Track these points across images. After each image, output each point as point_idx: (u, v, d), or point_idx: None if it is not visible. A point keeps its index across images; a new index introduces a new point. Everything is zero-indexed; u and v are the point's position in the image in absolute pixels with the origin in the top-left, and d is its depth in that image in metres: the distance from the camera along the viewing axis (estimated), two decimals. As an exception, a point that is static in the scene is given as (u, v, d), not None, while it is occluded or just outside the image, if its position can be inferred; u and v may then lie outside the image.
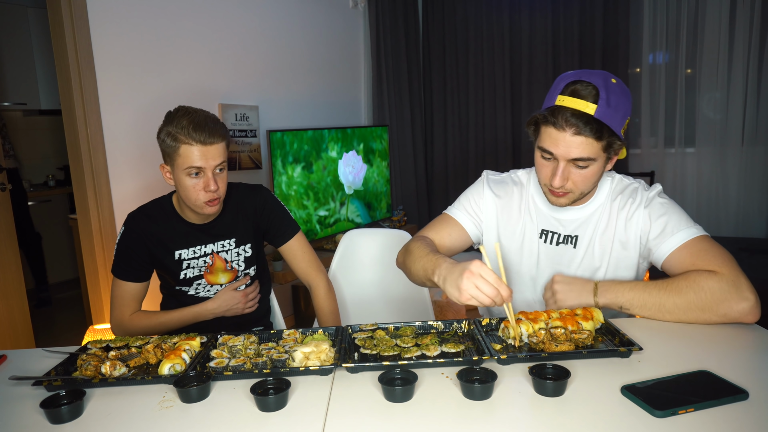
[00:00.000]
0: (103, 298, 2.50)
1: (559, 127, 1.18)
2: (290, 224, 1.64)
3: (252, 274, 1.62)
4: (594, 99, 1.16)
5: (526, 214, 1.42)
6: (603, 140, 1.19)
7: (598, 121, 1.16)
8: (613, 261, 1.34)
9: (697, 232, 1.25)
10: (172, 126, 1.36)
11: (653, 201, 1.31)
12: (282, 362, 1.07)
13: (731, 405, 0.85)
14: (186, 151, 1.36)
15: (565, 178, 1.23)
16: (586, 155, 1.19)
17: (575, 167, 1.22)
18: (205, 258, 1.53)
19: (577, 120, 1.16)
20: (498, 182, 1.49)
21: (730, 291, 1.14)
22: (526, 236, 1.42)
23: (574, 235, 1.36)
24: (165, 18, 2.68)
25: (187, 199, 1.42)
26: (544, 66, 4.33)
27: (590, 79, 1.18)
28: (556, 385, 0.91)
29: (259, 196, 1.59)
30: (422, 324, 1.22)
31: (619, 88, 1.19)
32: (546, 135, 1.22)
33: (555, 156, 1.22)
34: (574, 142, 1.18)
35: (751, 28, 3.77)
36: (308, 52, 3.72)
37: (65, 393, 0.95)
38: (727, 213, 4.03)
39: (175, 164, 1.38)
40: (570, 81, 1.20)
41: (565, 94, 1.19)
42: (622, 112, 1.20)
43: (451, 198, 5.88)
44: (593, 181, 1.27)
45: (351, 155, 3.73)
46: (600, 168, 1.25)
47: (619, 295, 1.21)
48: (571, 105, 1.17)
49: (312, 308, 3.21)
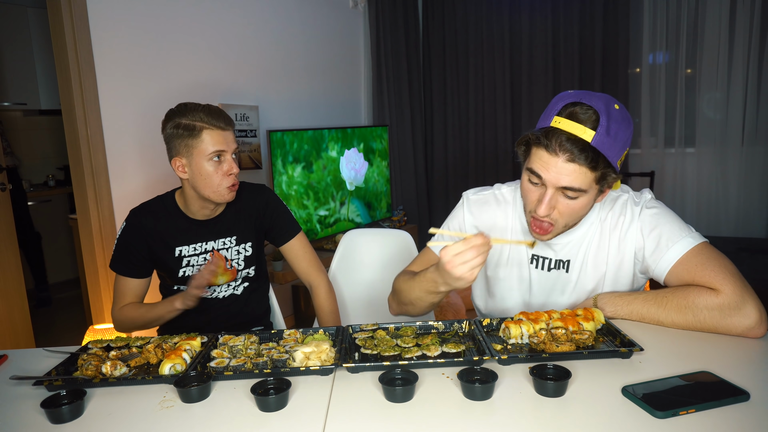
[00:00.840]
0: (103, 298, 2.50)
1: (552, 151, 1.10)
2: (292, 224, 1.65)
3: (251, 275, 1.62)
4: (593, 125, 1.08)
5: (515, 238, 1.35)
6: (597, 171, 1.11)
7: (594, 150, 1.08)
8: (609, 281, 1.29)
9: (693, 242, 1.18)
10: (185, 117, 1.39)
11: (642, 214, 1.24)
12: (282, 362, 1.07)
13: (732, 406, 0.85)
14: (208, 136, 1.39)
15: (551, 207, 1.15)
16: (577, 185, 1.11)
17: (563, 197, 1.14)
18: (205, 255, 1.53)
19: (572, 146, 1.08)
20: (480, 203, 1.40)
21: (731, 313, 1.09)
22: (515, 263, 1.36)
23: (566, 260, 1.30)
24: (165, 18, 2.68)
25: (208, 187, 1.43)
26: (544, 66, 4.33)
27: (591, 103, 1.10)
28: (556, 386, 0.91)
29: (262, 196, 1.61)
30: (423, 324, 1.22)
31: (620, 116, 1.10)
32: (537, 157, 1.13)
33: (544, 181, 1.13)
34: (566, 169, 1.09)
35: (751, 28, 3.77)
36: (308, 52, 3.72)
37: (66, 393, 0.95)
38: (727, 213, 4.03)
39: (196, 152, 1.40)
40: (569, 102, 1.12)
41: (563, 115, 1.11)
42: (622, 143, 1.11)
43: (451, 198, 5.84)
44: (580, 214, 1.19)
45: (352, 152, 3.73)
46: (589, 201, 1.16)
47: (618, 308, 1.20)
48: (567, 128, 1.09)
49: (312, 308, 3.21)
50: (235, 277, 1.58)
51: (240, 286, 1.60)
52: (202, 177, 1.42)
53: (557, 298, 1.34)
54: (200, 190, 1.45)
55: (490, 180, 1.56)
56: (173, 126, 1.40)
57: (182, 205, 1.53)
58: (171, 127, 1.41)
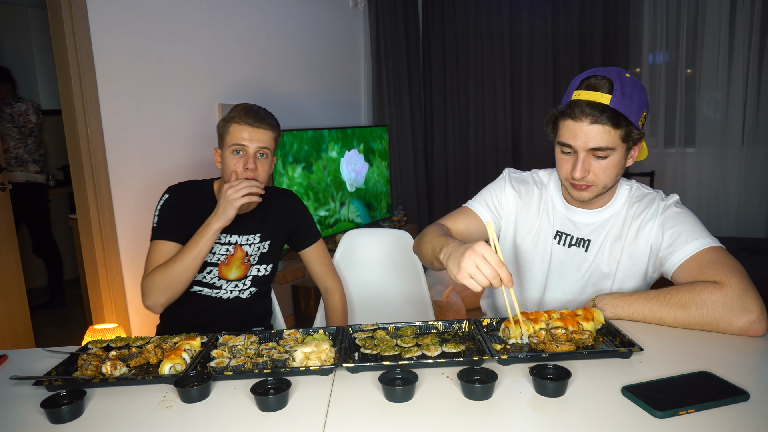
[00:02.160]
0: (103, 297, 2.50)
1: (576, 118, 1.21)
2: (314, 231, 1.73)
3: (260, 274, 1.62)
4: (609, 90, 1.19)
5: (544, 215, 1.44)
6: (620, 128, 1.20)
7: (614, 110, 1.18)
8: (622, 269, 1.34)
9: (710, 243, 1.23)
10: (231, 112, 1.50)
11: (668, 211, 1.30)
12: (282, 362, 1.07)
13: (732, 406, 0.85)
14: (234, 129, 1.47)
15: (585, 170, 1.24)
16: (604, 144, 1.21)
17: (595, 158, 1.24)
18: (228, 246, 1.56)
19: (592, 110, 1.19)
20: (520, 180, 1.50)
21: (733, 305, 1.10)
22: (541, 236, 1.43)
23: (587, 239, 1.37)
24: (165, 18, 2.68)
25: (227, 177, 1.49)
26: (544, 66, 4.33)
27: (604, 73, 1.22)
28: (556, 386, 0.91)
29: (291, 201, 1.70)
30: (423, 324, 1.22)
31: (633, 81, 1.21)
32: (564, 129, 1.25)
33: (574, 148, 1.24)
34: (592, 131, 1.20)
35: (751, 28, 3.77)
36: (308, 52, 3.72)
37: (66, 393, 0.95)
38: (727, 213, 4.03)
39: (224, 142, 1.49)
40: (585, 77, 1.24)
41: (581, 88, 1.22)
42: (638, 103, 1.21)
43: (451, 198, 5.84)
44: (614, 172, 1.26)
45: (353, 153, 3.73)
46: (620, 159, 1.25)
47: (618, 310, 1.21)
48: (586, 97, 1.20)
49: (312, 308, 3.22)
50: (246, 273, 1.59)
51: (247, 290, 1.61)
52: (225, 167, 1.50)
53: (572, 275, 1.39)
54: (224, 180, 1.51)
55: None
56: (221, 119, 1.52)
57: (217, 195, 1.56)
58: (220, 120, 1.52)
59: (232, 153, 1.47)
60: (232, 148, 1.47)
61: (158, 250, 1.49)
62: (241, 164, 1.47)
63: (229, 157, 1.48)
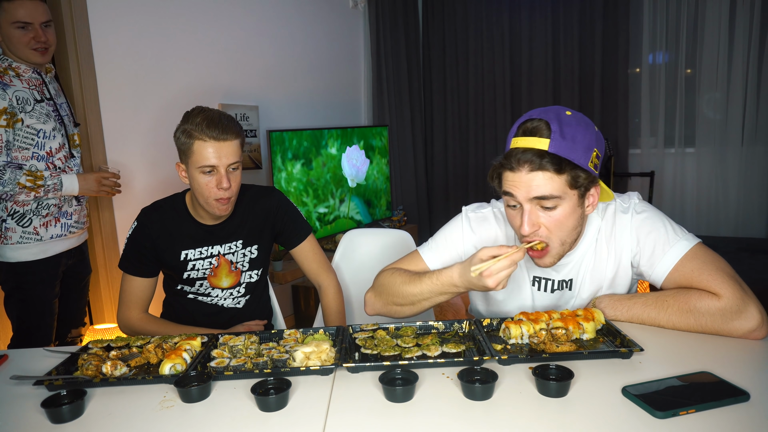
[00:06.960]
0: (103, 297, 2.50)
1: (514, 169, 1.12)
2: (303, 226, 1.65)
3: (253, 279, 1.61)
4: (546, 134, 1.10)
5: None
6: (564, 173, 1.11)
7: (554, 155, 1.10)
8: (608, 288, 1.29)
9: (688, 245, 1.17)
10: (187, 124, 1.38)
11: (633, 221, 1.23)
12: (283, 362, 1.07)
13: (732, 406, 0.85)
14: (199, 148, 1.36)
15: (534, 223, 1.14)
16: (548, 192, 1.11)
17: (542, 210, 1.14)
18: (210, 259, 1.53)
19: (531, 156, 1.10)
20: (479, 220, 1.37)
21: (733, 317, 1.09)
22: (516, 284, 1.34)
23: (569, 279, 1.30)
24: (165, 18, 2.68)
25: (200, 196, 1.42)
26: (544, 66, 4.33)
27: (541, 116, 1.13)
28: (559, 386, 0.91)
29: (272, 199, 1.60)
30: (423, 324, 1.22)
31: (574, 119, 1.13)
32: (505, 180, 1.16)
33: (517, 199, 1.14)
34: (533, 179, 1.11)
35: (751, 28, 3.77)
36: (308, 52, 3.72)
37: (66, 393, 0.95)
38: (727, 213, 4.03)
39: (190, 161, 1.39)
40: (521, 122, 1.16)
41: (518, 135, 1.14)
42: (583, 144, 1.11)
43: (451, 198, 5.83)
44: (569, 225, 1.16)
45: (354, 149, 3.73)
46: (572, 208, 1.15)
47: (618, 313, 1.20)
48: (523, 144, 1.12)
49: (312, 308, 3.22)
50: (238, 281, 1.58)
51: (242, 298, 1.60)
52: (195, 185, 1.42)
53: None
54: (196, 198, 1.45)
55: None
56: (179, 131, 1.40)
57: (191, 208, 1.52)
58: (177, 131, 1.41)
59: (202, 173, 1.38)
60: (200, 169, 1.38)
61: (129, 284, 1.52)
62: (213, 184, 1.39)
63: (198, 177, 1.39)
